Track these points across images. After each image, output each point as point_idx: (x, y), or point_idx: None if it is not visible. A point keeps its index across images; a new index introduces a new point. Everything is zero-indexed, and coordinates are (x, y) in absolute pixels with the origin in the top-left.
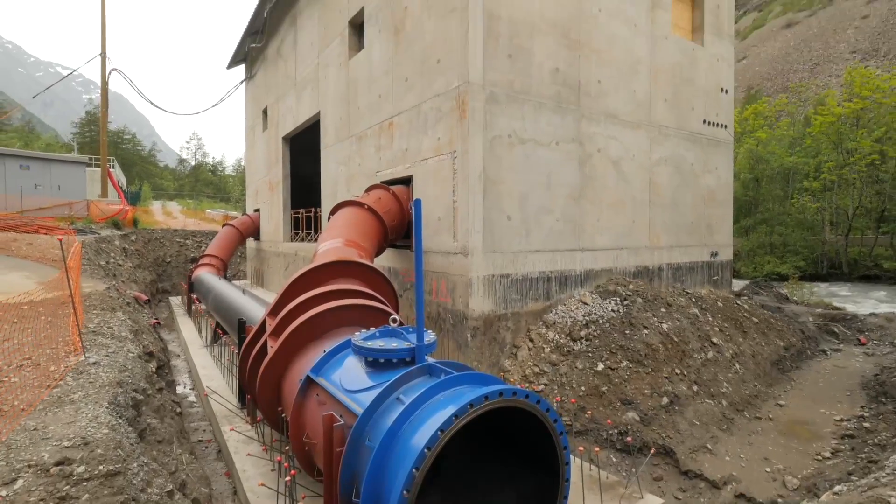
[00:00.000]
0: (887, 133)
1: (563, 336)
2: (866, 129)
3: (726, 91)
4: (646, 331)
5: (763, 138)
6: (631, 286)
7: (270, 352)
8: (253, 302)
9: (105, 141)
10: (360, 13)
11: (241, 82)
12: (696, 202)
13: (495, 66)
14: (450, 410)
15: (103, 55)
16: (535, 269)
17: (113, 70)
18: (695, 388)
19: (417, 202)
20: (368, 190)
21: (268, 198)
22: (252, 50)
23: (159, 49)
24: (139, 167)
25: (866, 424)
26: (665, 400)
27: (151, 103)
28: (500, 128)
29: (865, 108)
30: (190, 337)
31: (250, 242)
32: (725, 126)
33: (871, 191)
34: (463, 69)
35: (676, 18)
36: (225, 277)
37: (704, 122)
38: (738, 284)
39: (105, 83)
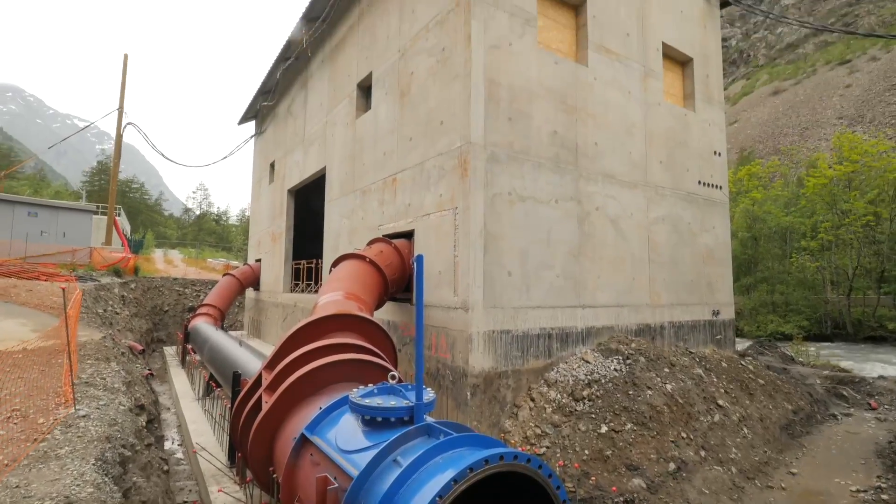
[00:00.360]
0: (880, 195)
1: (565, 396)
2: (859, 191)
3: (719, 154)
4: (650, 391)
5: (758, 198)
6: (633, 344)
7: (265, 407)
8: (249, 354)
9: (114, 190)
10: (369, 77)
11: (251, 137)
12: (694, 260)
13: (496, 128)
14: (448, 475)
15: (120, 110)
16: (535, 325)
17: (128, 124)
18: (702, 453)
19: (419, 258)
20: (371, 243)
21: (270, 248)
22: (263, 108)
23: (172, 102)
24: (144, 215)
25: (884, 496)
26: (672, 466)
27: (163, 156)
28: (500, 186)
29: (856, 171)
30: (182, 389)
31: (249, 293)
32: (720, 187)
33: (869, 251)
34: (465, 130)
35: (668, 86)
36: (222, 328)
37: (700, 182)
38: (741, 344)
39: (119, 136)
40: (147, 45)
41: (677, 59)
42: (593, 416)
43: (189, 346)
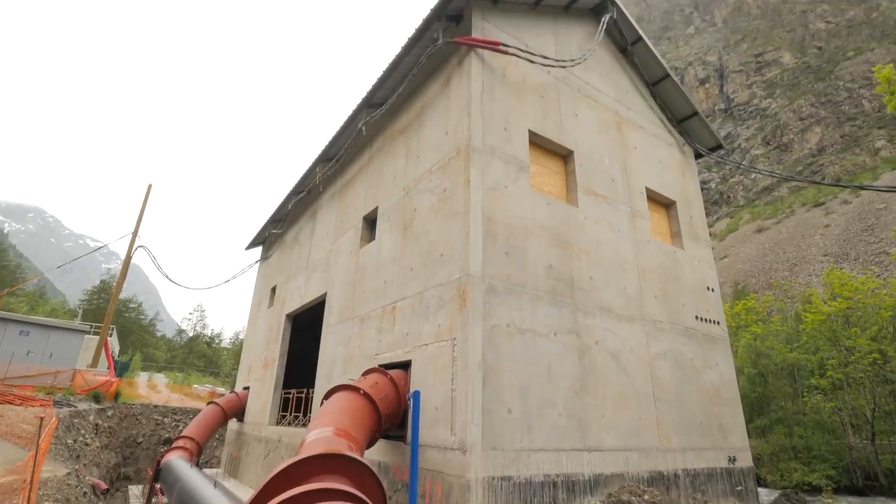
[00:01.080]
0: (880, 332)
1: None
2: (859, 328)
3: (712, 289)
4: None
5: (759, 333)
6: (646, 496)
7: None
8: (223, 498)
9: (112, 312)
10: (374, 211)
11: (256, 262)
12: (702, 399)
13: (494, 262)
14: None
15: (135, 234)
16: (538, 471)
17: (139, 247)
18: None
19: (416, 394)
20: (366, 373)
21: (260, 375)
22: (272, 235)
23: (181, 224)
24: (136, 335)
25: None
26: None
27: (169, 279)
28: (499, 317)
29: (851, 308)
30: None
31: (231, 424)
32: (718, 322)
33: (883, 391)
34: (464, 263)
35: (655, 225)
36: (197, 464)
37: (697, 317)
38: (765, 495)
39: (129, 258)
40: (165, 170)
41: (661, 202)
42: None
43: (158, 486)
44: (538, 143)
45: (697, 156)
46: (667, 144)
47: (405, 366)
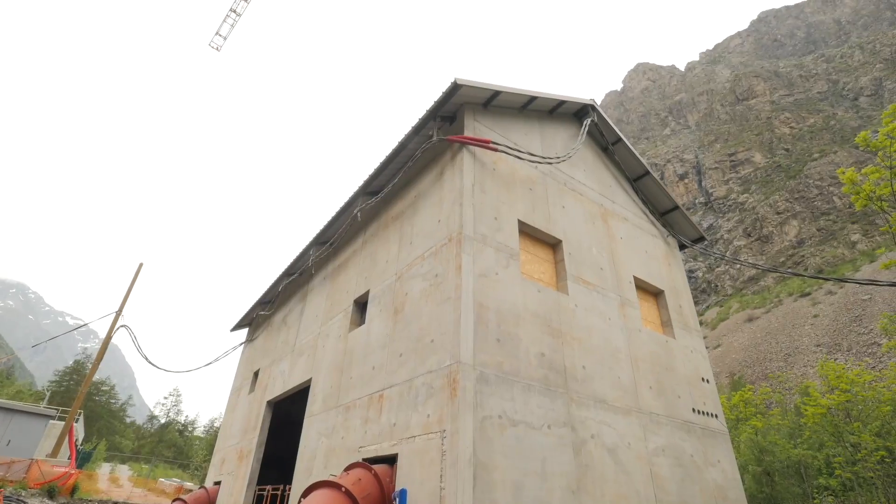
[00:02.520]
0: (884, 427)
1: None
2: (861, 422)
3: (707, 380)
4: None
5: (760, 427)
6: None
7: None
8: None
9: (83, 395)
10: (366, 294)
11: (241, 344)
12: (706, 501)
13: (485, 349)
14: None
15: (118, 314)
16: None
17: (122, 326)
18: None
19: (402, 493)
20: (348, 468)
21: (234, 468)
22: (259, 316)
23: (162, 303)
24: (104, 421)
25: None
26: None
27: (148, 361)
28: (490, 408)
29: (850, 401)
30: None
31: None
32: (716, 416)
33: None
34: (455, 349)
35: (645, 314)
36: None
37: (694, 410)
38: None
39: (109, 338)
40: (154, 248)
41: (650, 291)
42: None
43: None
44: (528, 231)
45: (682, 247)
46: (651, 235)
47: (391, 460)
